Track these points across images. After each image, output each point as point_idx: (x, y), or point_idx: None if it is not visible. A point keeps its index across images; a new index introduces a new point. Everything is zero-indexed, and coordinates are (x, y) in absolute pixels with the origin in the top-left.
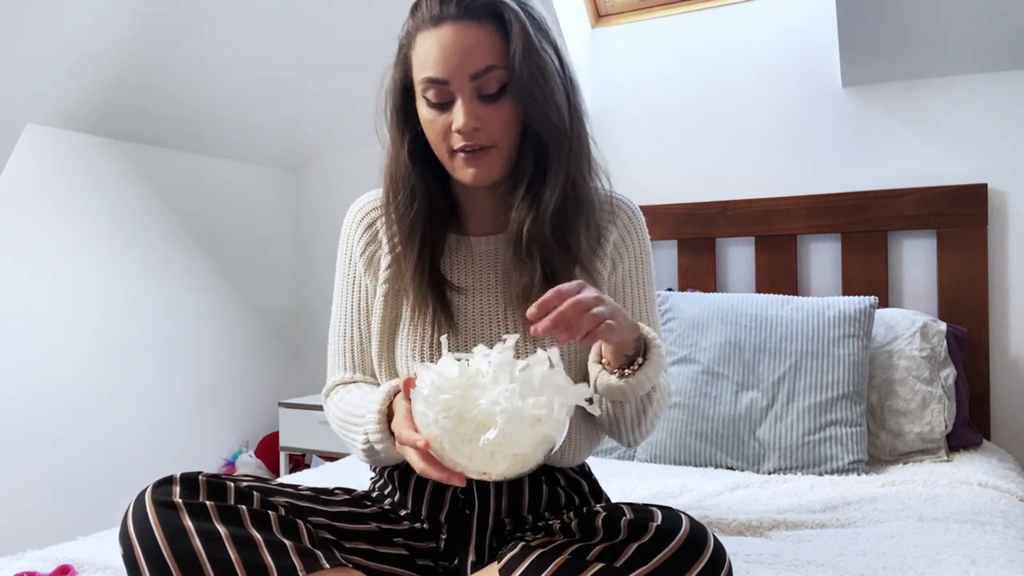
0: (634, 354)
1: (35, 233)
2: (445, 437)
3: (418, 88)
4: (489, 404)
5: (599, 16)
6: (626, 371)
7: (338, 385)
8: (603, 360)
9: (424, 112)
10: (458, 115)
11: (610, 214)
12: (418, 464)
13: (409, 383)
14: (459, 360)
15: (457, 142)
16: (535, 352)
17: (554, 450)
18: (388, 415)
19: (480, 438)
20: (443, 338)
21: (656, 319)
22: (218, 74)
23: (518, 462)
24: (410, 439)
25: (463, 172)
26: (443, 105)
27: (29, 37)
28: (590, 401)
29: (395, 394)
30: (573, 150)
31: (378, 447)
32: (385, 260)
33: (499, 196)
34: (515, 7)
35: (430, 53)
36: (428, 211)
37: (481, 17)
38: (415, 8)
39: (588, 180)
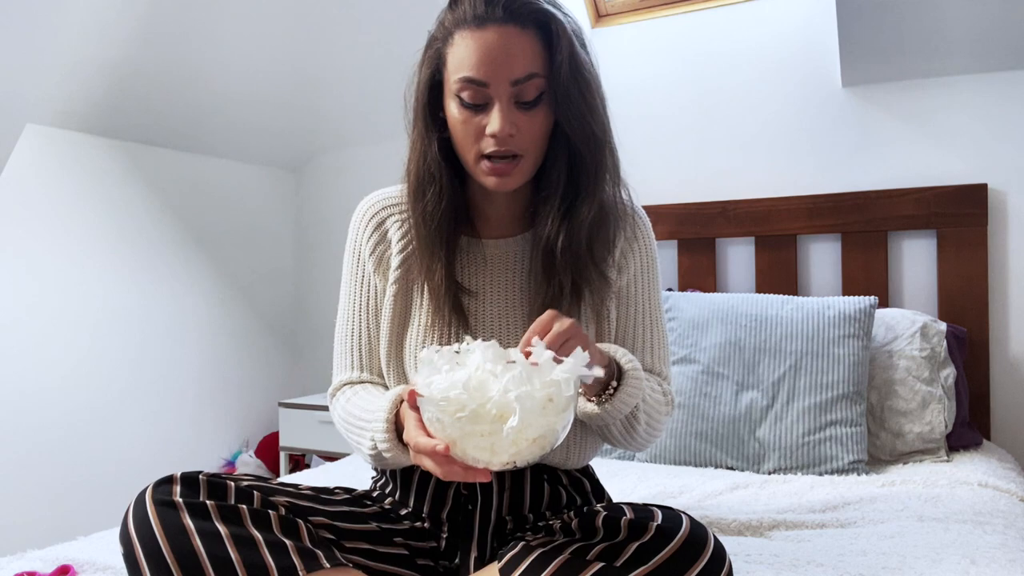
0: (608, 380)
1: (35, 233)
2: (464, 437)
3: (452, 87)
4: (501, 393)
5: (599, 16)
6: (602, 396)
7: (345, 385)
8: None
9: (455, 112)
10: (495, 120)
11: (622, 222)
12: (438, 470)
13: (413, 395)
14: (452, 356)
15: (488, 146)
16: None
17: (567, 428)
18: (395, 422)
19: (500, 429)
20: (464, 343)
21: (662, 326)
22: (218, 74)
23: (539, 444)
24: (427, 446)
25: (487, 179)
26: (477, 107)
27: (29, 38)
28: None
29: (402, 401)
30: (610, 162)
31: (387, 455)
32: (395, 260)
33: (517, 200)
34: (562, 18)
35: (472, 54)
36: (452, 212)
37: (527, 23)
38: (455, 3)
39: (615, 192)
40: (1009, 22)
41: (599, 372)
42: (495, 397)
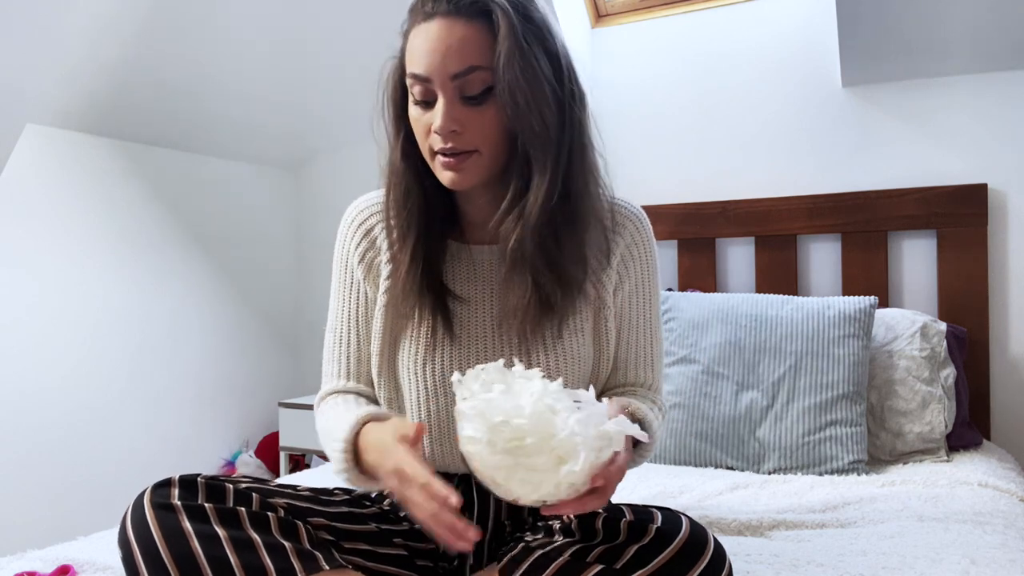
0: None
1: (35, 233)
2: (512, 466)
3: (408, 84)
4: (569, 435)
5: (599, 16)
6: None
7: (331, 394)
8: None
9: (411, 109)
10: (436, 116)
11: (619, 225)
12: (431, 521)
13: (421, 430)
14: (501, 374)
15: (436, 143)
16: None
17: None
18: (355, 443)
19: (555, 469)
20: (454, 377)
21: (660, 336)
22: (218, 74)
23: (573, 489)
24: (441, 494)
25: (442, 175)
26: (427, 103)
27: (29, 37)
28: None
29: (364, 422)
30: (561, 161)
31: (343, 477)
32: (386, 269)
33: (498, 204)
34: (507, 7)
35: (417, 49)
36: (422, 211)
37: (471, 15)
38: (414, 3)
39: (587, 193)
40: (1009, 22)
41: (645, 437)
42: (561, 436)
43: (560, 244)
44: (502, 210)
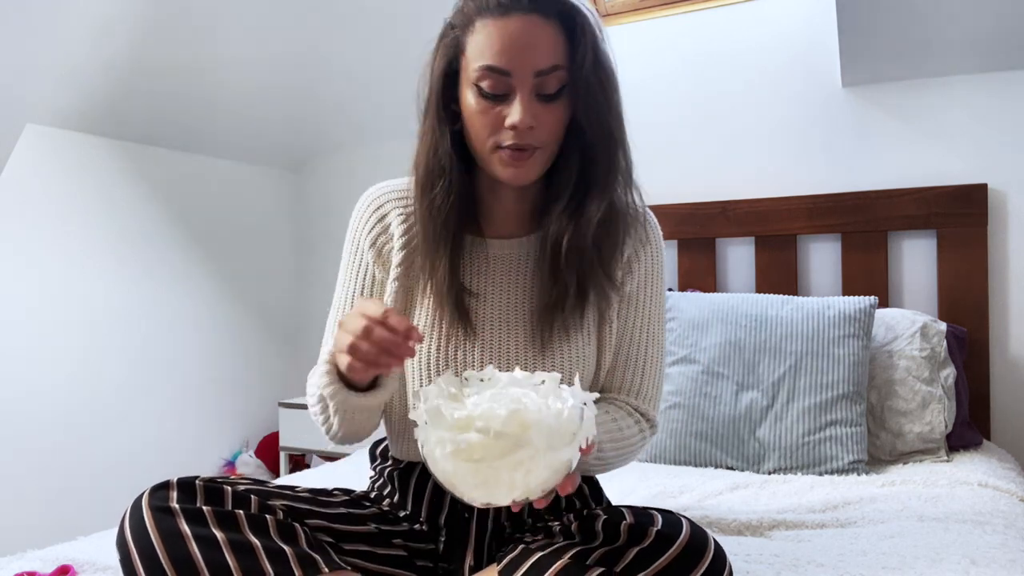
0: None
1: (35, 233)
2: (495, 454)
3: (471, 75)
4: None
5: (599, 16)
6: None
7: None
8: None
9: (472, 102)
10: (516, 112)
11: (629, 227)
12: (360, 347)
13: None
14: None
15: (507, 138)
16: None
17: None
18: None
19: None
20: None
21: (660, 343)
22: (219, 75)
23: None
24: (371, 311)
25: (503, 170)
26: (497, 97)
27: (30, 38)
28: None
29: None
30: (623, 161)
31: (330, 399)
32: (397, 256)
33: (527, 199)
34: (585, 11)
35: (495, 42)
36: (461, 205)
37: (551, 14)
38: None
39: (626, 193)
40: (1009, 22)
41: (593, 433)
42: (566, 413)
43: (608, 241)
44: (560, 208)
